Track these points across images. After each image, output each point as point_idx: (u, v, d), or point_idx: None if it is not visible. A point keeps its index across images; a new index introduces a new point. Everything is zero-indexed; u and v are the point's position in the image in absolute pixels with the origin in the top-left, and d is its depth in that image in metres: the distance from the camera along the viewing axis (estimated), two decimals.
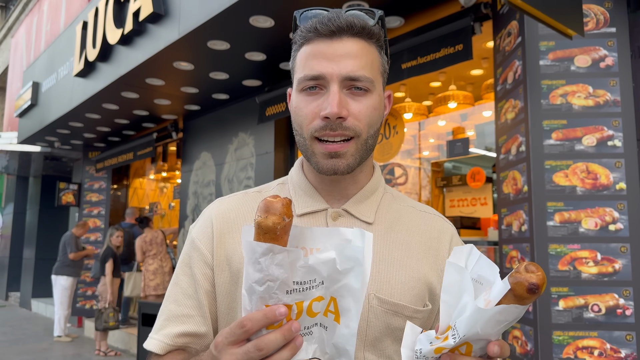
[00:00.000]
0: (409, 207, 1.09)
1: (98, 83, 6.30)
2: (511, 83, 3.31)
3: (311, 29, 0.93)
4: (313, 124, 0.92)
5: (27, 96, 8.60)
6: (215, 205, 1.07)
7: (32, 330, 9.21)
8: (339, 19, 0.91)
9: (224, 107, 6.78)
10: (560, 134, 3.02)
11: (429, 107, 6.25)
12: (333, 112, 0.88)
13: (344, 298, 0.71)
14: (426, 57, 4.00)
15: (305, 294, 0.70)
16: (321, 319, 0.73)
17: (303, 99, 0.94)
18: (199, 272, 0.99)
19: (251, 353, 0.68)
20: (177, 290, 1.00)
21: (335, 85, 0.90)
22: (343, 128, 0.91)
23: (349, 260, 0.70)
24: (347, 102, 0.92)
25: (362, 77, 0.91)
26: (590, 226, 2.91)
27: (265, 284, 0.68)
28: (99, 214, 9.57)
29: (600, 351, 2.82)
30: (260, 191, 1.09)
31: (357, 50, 0.92)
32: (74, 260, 8.28)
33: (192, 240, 1.03)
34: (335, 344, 0.72)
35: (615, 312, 2.83)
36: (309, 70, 0.92)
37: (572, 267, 2.90)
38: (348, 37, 0.92)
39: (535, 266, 0.66)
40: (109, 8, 5.68)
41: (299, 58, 0.96)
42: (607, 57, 3.05)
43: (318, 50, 0.92)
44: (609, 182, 2.93)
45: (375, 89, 0.94)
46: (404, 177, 5.45)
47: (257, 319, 0.68)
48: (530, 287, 0.64)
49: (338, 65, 0.90)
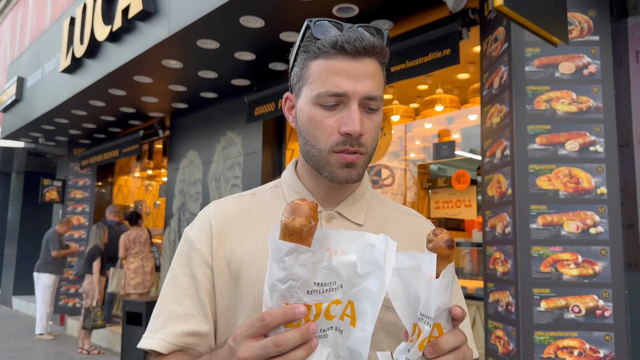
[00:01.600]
0: (393, 209, 1.15)
1: (85, 79, 6.26)
2: (497, 88, 3.38)
3: (335, 46, 0.94)
4: (332, 138, 0.96)
5: (12, 91, 8.50)
6: (212, 207, 1.09)
7: (13, 328, 9.11)
8: (364, 40, 0.94)
9: (212, 105, 6.77)
10: (544, 138, 3.09)
11: (416, 110, 6.32)
12: (356, 130, 0.93)
13: (361, 302, 0.73)
14: (414, 61, 4.05)
15: (325, 295, 0.73)
16: (337, 323, 0.75)
17: (320, 112, 0.97)
18: (200, 272, 1.01)
19: (268, 348, 0.71)
20: (177, 290, 1.01)
21: (356, 104, 0.95)
22: (359, 145, 0.96)
23: (369, 264, 0.72)
24: (363, 119, 0.96)
25: (377, 97, 0.96)
26: (572, 229, 2.99)
27: (287, 282, 0.70)
28: (83, 211, 9.50)
29: (580, 351, 2.89)
30: (255, 194, 1.11)
31: (374, 71, 0.97)
32: (57, 258, 8.21)
33: (190, 241, 1.05)
34: (350, 347, 0.74)
35: (595, 313, 2.90)
36: (332, 87, 0.95)
37: (554, 269, 2.97)
38: (368, 58, 0.95)
39: (439, 229, 0.77)
40: (98, 4, 5.65)
41: (315, 70, 0.97)
42: (591, 64, 3.12)
43: (342, 68, 0.94)
44: (591, 187, 3.01)
45: (381, 108, 1.00)
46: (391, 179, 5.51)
47: (276, 314, 0.70)
48: (447, 244, 0.74)
49: (359, 85, 0.94)
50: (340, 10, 4.08)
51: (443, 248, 0.73)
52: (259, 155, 5.98)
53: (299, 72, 1.02)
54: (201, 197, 6.78)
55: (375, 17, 4.21)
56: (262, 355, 0.71)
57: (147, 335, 0.99)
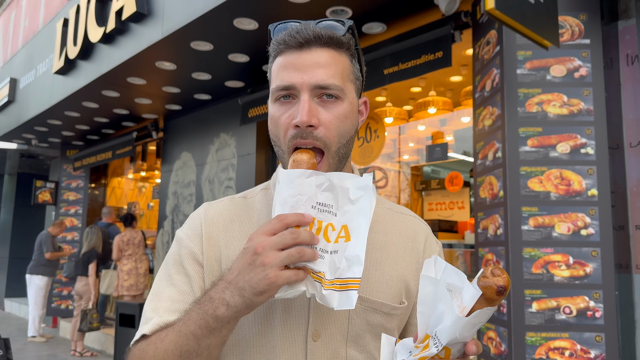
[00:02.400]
0: (386, 209, 1.14)
1: (78, 81, 6.25)
2: (489, 91, 3.40)
3: (281, 42, 0.97)
4: (287, 133, 0.96)
5: (4, 92, 8.47)
6: (203, 209, 1.09)
7: (5, 330, 9.05)
8: (307, 31, 0.95)
9: (206, 107, 6.77)
10: (535, 141, 3.11)
11: (409, 112, 6.34)
12: (303, 120, 0.92)
13: (354, 220, 0.86)
14: (407, 63, 4.07)
15: (324, 215, 0.87)
16: (332, 247, 0.86)
17: (277, 108, 0.98)
18: (192, 269, 1.02)
19: (285, 235, 0.82)
20: (171, 289, 1.01)
21: (306, 94, 0.94)
22: (313, 137, 0.94)
23: (360, 190, 0.87)
24: (318, 110, 0.95)
25: (331, 85, 0.95)
26: (563, 231, 3.01)
27: (296, 197, 0.87)
28: (76, 213, 9.46)
29: (571, 352, 2.91)
30: (246, 197, 1.12)
31: (326, 60, 0.96)
32: (50, 260, 8.17)
33: (181, 240, 1.05)
34: (347, 255, 0.84)
35: (586, 314, 2.93)
36: (280, 81, 0.96)
37: (545, 270, 2.99)
38: (317, 48, 0.95)
39: (500, 270, 0.74)
40: (91, 6, 5.64)
41: (272, 70, 1.00)
42: (582, 67, 3.15)
43: (288, 61, 0.96)
44: (582, 189, 3.03)
45: (346, 97, 0.98)
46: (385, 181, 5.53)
47: (290, 215, 0.84)
48: (499, 290, 0.71)
49: (307, 75, 0.94)
50: (334, 13, 4.10)
51: (492, 291, 0.72)
52: (252, 157, 5.98)
53: (269, 76, 1.04)
54: (195, 199, 6.77)
55: (369, 19, 4.23)
56: (279, 242, 0.81)
57: (140, 330, 0.98)
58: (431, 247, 1.13)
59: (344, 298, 0.82)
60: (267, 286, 0.81)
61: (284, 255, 0.81)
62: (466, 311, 0.73)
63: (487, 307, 0.72)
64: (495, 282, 0.72)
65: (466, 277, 0.77)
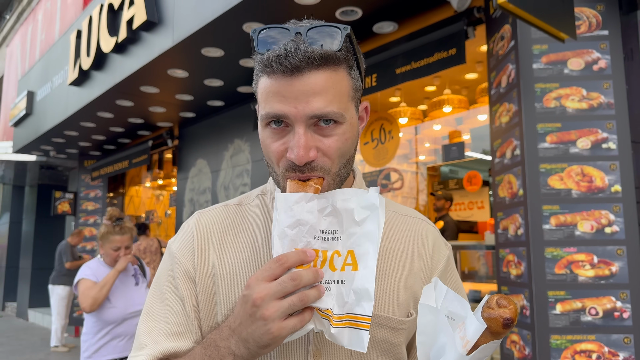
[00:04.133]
0: (391, 212, 1.05)
1: (93, 91, 6.28)
2: (505, 87, 3.31)
3: (268, 64, 0.84)
4: (282, 163, 0.87)
5: (22, 105, 8.58)
6: (195, 219, 1.03)
7: (29, 340, 9.15)
8: (297, 54, 0.81)
9: (219, 114, 6.77)
10: (554, 137, 3.02)
11: (424, 112, 6.25)
12: (299, 158, 0.82)
13: (361, 246, 0.80)
14: (420, 62, 4.00)
15: (329, 243, 0.80)
16: (339, 276, 0.80)
17: (268, 134, 0.88)
18: (184, 287, 0.96)
19: (285, 283, 0.75)
20: (165, 308, 0.96)
21: (301, 127, 0.83)
22: (311, 169, 0.84)
23: (365, 210, 0.80)
24: (316, 139, 0.85)
25: (330, 114, 0.84)
26: (586, 229, 2.91)
27: (296, 227, 0.79)
28: (95, 223, 9.53)
29: (599, 355, 2.80)
30: (241, 203, 1.06)
31: (322, 85, 0.83)
32: (71, 270, 8.24)
33: (173, 255, 1.00)
34: (355, 288, 0.78)
35: (613, 315, 2.82)
36: (270, 109, 0.84)
37: (569, 271, 2.89)
38: (310, 72, 0.83)
39: (506, 300, 0.68)
40: (103, 16, 5.67)
41: (260, 87, 0.88)
42: (600, 59, 3.05)
43: (278, 88, 0.83)
44: (604, 185, 2.93)
45: (345, 120, 0.87)
46: (400, 182, 5.46)
47: (291, 255, 0.76)
48: (505, 323, 0.66)
49: (301, 105, 0.82)
50: (344, 14, 4.04)
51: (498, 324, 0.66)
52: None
53: (255, 87, 0.93)
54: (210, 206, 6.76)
55: (379, 19, 4.17)
56: (279, 291, 0.75)
57: (133, 355, 0.94)
58: (440, 252, 1.05)
59: (354, 337, 0.77)
60: (271, 340, 0.76)
61: (285, 306, 0.75)
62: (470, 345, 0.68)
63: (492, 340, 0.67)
64: (502, 314, 0.66)
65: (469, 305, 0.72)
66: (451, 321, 0.73)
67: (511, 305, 0.67)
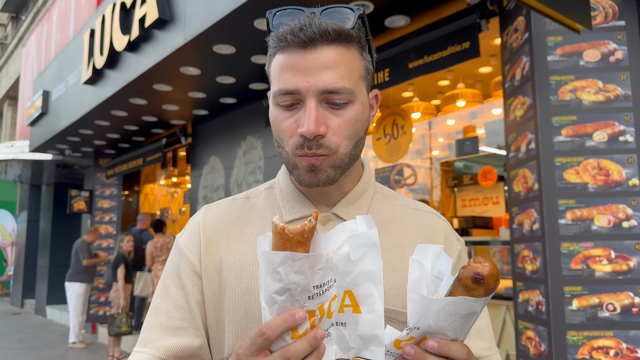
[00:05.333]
0: (401, 205, 1.04)
1: (106, 90, 6.33)
2: (519, 80, 3.26)
3: (282, 39, 0.85)
4: (292, 140, 0.87)
5: (38, 104, 8.67)
6: (202, 213, 1.03)
7: (47, 337, 9.27)
8: (311, 27, 0.83)
9: (232, 111, 6.78)
10: (570, 130, 2.97)
11: (438, 106, 6.20)
12: (310, 131, 0.83)
13: (360, 286, 0.71)
14: (433, 56, 3.96)
15: (324, 296, 0.69)
16: (337, 318, 0.72)
17: (280, 113, 0.89)
18: (189, 282, 0.96)
19: None
20: (168, 302, 0.96)
21: (312, 101, 0.84)
22: (318, 146, 0.85)
23: (362, 247, 0.70)
24: (326, 116, 0.86)
25: (341, 89, 0.85)
26: (603, 223, 2.86)
27: (285, 293, 0.67)
28: (110, 221, 9.62)
29: (616, 351, 2.75)
30: (248, 197, 1.05)
31: (335, 59, 0.85)
32: (87, 267, 8.33)
33: (179, 249, 0.99)
34: (362, 334, 0.71)
35: (631, 311, 2.77)
36: (283, 84, 0.86)
37: (586, 266, 2.84)
38: (323, 46, 0.84)
39: (484, 258, 0.67)
40: (116, 15, 5.70)
41: (273, 67, 0.89)
42: (617, 50, 2.99)
43: (291, 62, 0.85)
44: (622, 179, 2.87)
45: (357, 99, 0.88)
46: (413, 178, 5.42)
47: (276, 324, 0.67)
48: (474, 277, 0.64)
49: (313, 78, 0.84)
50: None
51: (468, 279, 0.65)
52: (279, 158, 5.92)
53: (267, 70, 0.94)
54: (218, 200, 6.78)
55: (391, 12, 4.13)
56: None
57: (136, 349, 0.94)
58: (452, 246, 1.02)
59: None
60: None
61: None
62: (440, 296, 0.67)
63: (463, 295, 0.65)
64: (473, 268, 0.65)
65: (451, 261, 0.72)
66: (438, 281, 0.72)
67: (487, 262, 0.66)
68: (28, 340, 8.83)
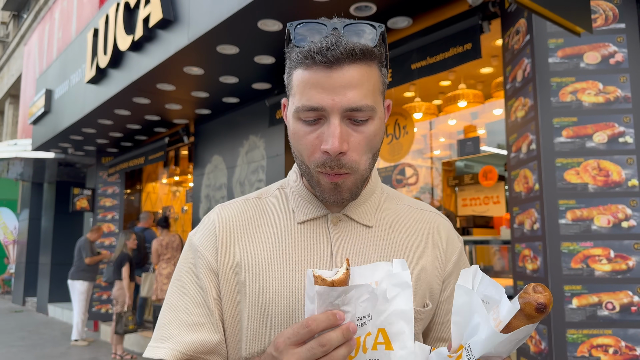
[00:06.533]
0: (405, 206, 1.09)
1: (110, 89, 6.36)
2: (520, 81, 3.30)
3: (308, 56, 0.87)
4: (314, 156, 0.90)
5: (41, 103, 8.70)
6: (217, 212, 1.05)
7: (49, 334, 9.32)
8: (338, 47, 0.85)
9: (235, 110, 6.81)
10: (570, 131, 3.01)
11: (439, 106, 6.24)
12: (334, 148, 0.86)
13: (393, 324, 0.77)
14: (435, 57, 3.99)
15: (362, 329, 0.76)
16: (371, 355, 0.78)
17: (302, 127, 0.91)
18: (206, 280, 0.98)
19: (314, 349, 0.72)
20: (186, 299, 0.98)
21: (336, 119, 0.87)
22: (339, 166, 0.89)
23: (396, 287, 0.77)
24: (349, 133, 0.89)
25: (364, 107, 0.88)
26: (602, 223, 2.90)
27: None
28: (112, 219, 9.66)
29: (615, 349, 2.80)
30: (260, 197, 1.07)
31: (359, 79, 0.87)
32: (90, 265, 8.37)
33: (195, 247, 1.01)
34: None
35: (630, 310, 2.81)
36: (307, 101, 0.88)
37: (585, 265, 2.89)
38: (349, 65, 0.87)
39: (542, 287, 0.72)
40: (119, 15, 5.73)
41: (295, 80, 0.91)
42: (617, 53, 3.03)
43: (317, 80, 0.87)
44: (621, 179, 2.91)
45: (376, 115, 0.91)
46: (415, 177, 5.47)
47: (320, 319, 0.72)
48: (538, 307, 0.69)
49: (338, 96, 0.86)
50: (358, 10, 4.05)
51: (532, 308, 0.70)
52: (282, 157, 5.98)
53: (286, 80, 0.96)
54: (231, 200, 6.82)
55: (394, 14, 4.17)
56: (309, 357, 0.73)
57: (154, 345, 0.96)
58: (453, 244, 1.08)
59: None
60: None
61: None
62: (502, 326, 0.71)
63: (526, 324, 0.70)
64: (536, 298, 0.70)
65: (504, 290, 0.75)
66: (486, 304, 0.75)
67: (547, 292, 0.71)
68: (31, 338, 8.88)
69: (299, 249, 0.98)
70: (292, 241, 0.98)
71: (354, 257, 0.97)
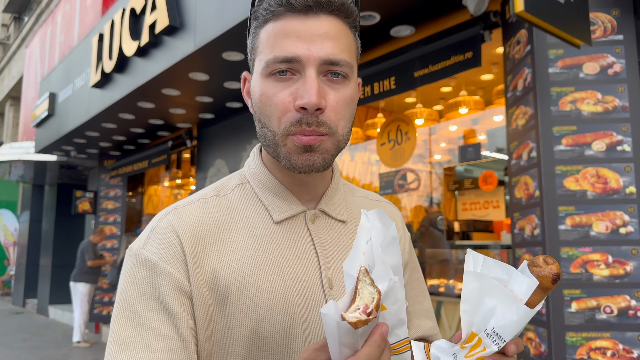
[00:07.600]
0: (363, 197, 1.04)
1: (115, 94, 6.44)
2: (521, 90, 3.39)
3: (282, 3, 0.78)
4: (287, 116, 0.79)
5: (44, 107, 8.77)
6: (174, 216, 0.84)
7: (50, 336, 9.36)
8: None
9: (238, 115, 6.89)
10: (570, 139, 3.10)
11: (440, 112, 6.32)
12: (312, 102, 0.76)
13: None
14: (437, 65, 4.08)
15: None
16: None
17: (272, 85, 0.80)
18: (176, 303, 0.77)
19: None
20: (145, 333, 0.75)
21: (313, 70, 0.78)
22: (317, 123, 0.78)
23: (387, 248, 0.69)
24: (325, 90, 0.79)
25: (342, 62, 0.79)
26: (601, 229, 2.98)
27: None
28: (114, 222, 9.72)
29: (613, 352, 2.88)
30: (218, 194, 0.90)
31: (336, 31, 0.80)
32: (92, 267, 8.43)
33: (151, 263, 0.79)
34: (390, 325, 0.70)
35: (627, 314, 2.89)
36: (280, 51, 0.78)
37: (584, 270, 2.97)
38: (325, 15, 0.79)
39: (551, 258, 0.70)
40: (125, 21, 5.81)
41: (264, 36, 0.82)
42: (615, 63, 3.12)
43: (291, 28, 0.78)
44: (619, 186, 3.00)
45: (353, 76, 0.84)
46: (417, 183, 5.54)
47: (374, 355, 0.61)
48: (554, 278, 0.68)
49: (315, 47, 0.78)
50: (362, 19, 4.14)
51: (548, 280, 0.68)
52: None
53: (250, 45, 0.87)
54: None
55: (397, 23, 4.26)
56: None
57: None
58: (406, 234, 1.06)
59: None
60: None
61: None
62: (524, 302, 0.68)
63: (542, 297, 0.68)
64: (550, 270, 0.68)
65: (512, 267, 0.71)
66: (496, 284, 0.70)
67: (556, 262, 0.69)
68: (32, 340, 8.92)
69: (284, 252, 0.85)
70: (274, 245, 0.85)
71: (336, 256, 0.89)
